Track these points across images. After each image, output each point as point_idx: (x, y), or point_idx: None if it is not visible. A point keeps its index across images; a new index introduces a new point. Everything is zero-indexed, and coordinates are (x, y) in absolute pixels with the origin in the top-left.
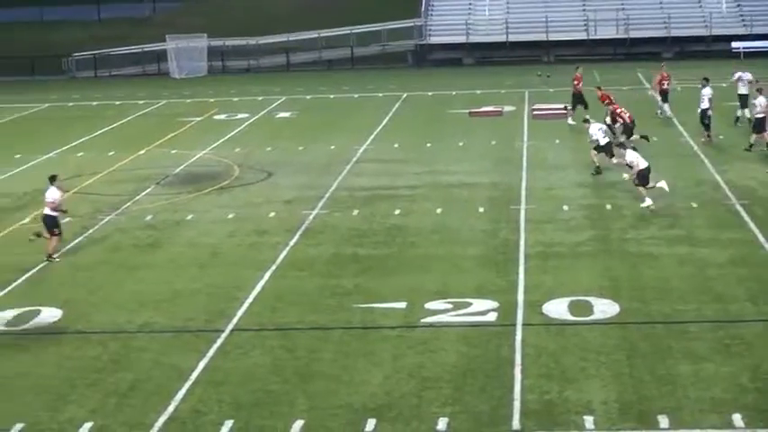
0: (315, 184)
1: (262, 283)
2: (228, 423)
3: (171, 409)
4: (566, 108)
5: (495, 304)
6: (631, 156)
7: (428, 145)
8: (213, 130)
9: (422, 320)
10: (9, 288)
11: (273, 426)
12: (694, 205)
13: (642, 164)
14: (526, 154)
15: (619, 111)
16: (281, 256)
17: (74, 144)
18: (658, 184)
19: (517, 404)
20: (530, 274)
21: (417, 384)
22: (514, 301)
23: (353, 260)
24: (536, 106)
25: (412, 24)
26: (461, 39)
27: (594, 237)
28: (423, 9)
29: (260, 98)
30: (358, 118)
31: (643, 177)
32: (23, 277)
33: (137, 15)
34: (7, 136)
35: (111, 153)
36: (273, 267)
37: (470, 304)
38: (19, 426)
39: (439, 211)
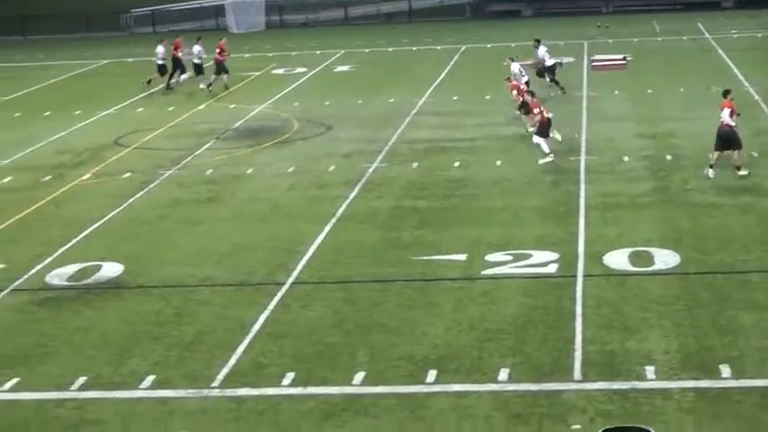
0: (374, 138)
1: (322, 236)
2: (290, 375)
3: (232, 361)
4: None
5: (555, 256)
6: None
7: (487, 97)
8: (272, 85)
9: (482, 272)
10: (70, 243)
11: (335, 378)
12: (755, 155)
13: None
14: (585, 105)
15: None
16: (341, 210)
17: (133, 100)
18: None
19: (578, 355)
20: (590, 225)
21: (478, 336)
22: (575, 253)
23: (413, 213)
24: (595, 57)
25: None
26: None
27: (655, 188)
28: None
29: (318, 52)
30: (417, 71)
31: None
32: (84, 233)
33: None
34: (67, 93)
35: (170, 108)
36: (333, 220)
37: (531, 256)
38: (82, 379)
39: (498, 162)
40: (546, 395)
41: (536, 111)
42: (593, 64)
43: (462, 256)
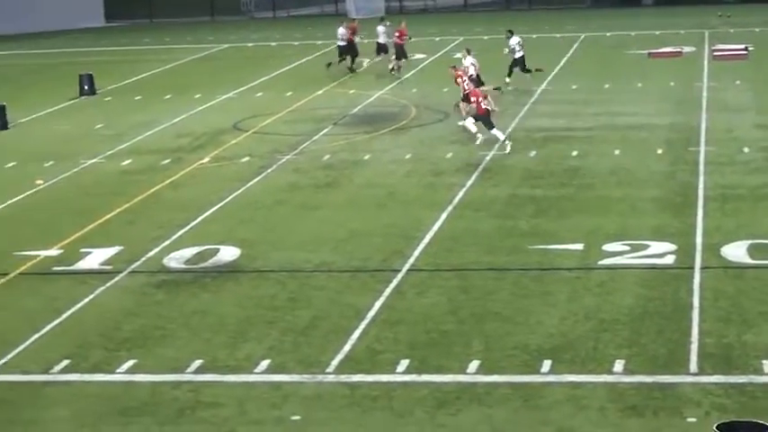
0: None
1: (438, 223)
2: (404, 362)
3: (347, 347)
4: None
5: (673, 247)
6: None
7: (606, 86)
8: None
9: (599, 262)
10: (188, 226)
11: (449, 366)
12: None
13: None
14: (706, 95)
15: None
16: (458, 197)
17: (252, 84)
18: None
19: (694, 347)
20: (708, 216)
21: (594, 326)
22: (693, 244)
23: (530, 201)
24: (716, 47)
25: None
26: None
27: None
28: None
29: (437, 39)
30: (536, 59)
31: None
32: (202, 216)
33: None
34: (188, 76)
35: (289, 93)
36: (450, 208)
37: (648, 246)
38: (197, 362)
39: (617, 152)
40: (661, 387)
41: (473, 99)
42: (715, 54)
43: (579, 246)
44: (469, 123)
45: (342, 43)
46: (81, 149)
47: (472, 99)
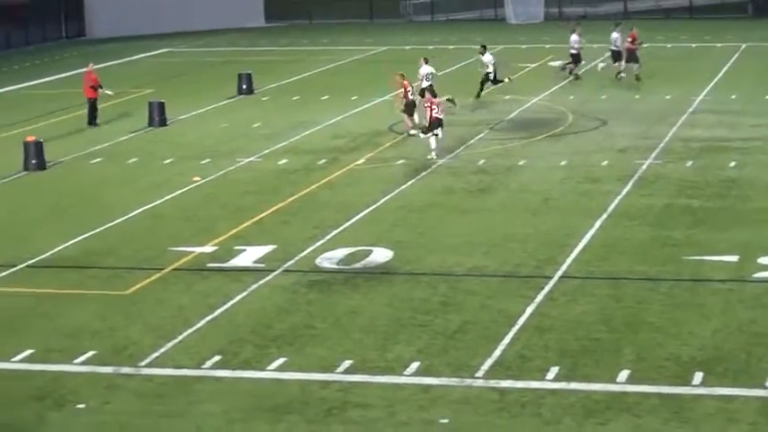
0: (649, 134)
1: (592, 231)
2: (554, 370)
3: (497, 353)
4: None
5: None
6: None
7: (766, 97)
8: (548, 77)
9: (754, 275)
10: (342, 227)
11: (599, 374)
12: None
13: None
14: None
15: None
16: (613, 205)
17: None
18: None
19: None
20: None
21: (747, 339)
22: None
23: (686, 211)
24: None
25: None
26: None
27: None
28: None
29: (596, 46)
30: (695, 68)
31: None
32: (356, 217)
33: None
34: (346, 78)
35: (445, 97)
36: (604, 216)
37: None
38: (347, 362)
39: None
40: None
41: (426, 105)
42: None
43: (734, 258)
44: (431, 140)
45: (574, 51)
46: (238, 148)
47: (426, 105)
